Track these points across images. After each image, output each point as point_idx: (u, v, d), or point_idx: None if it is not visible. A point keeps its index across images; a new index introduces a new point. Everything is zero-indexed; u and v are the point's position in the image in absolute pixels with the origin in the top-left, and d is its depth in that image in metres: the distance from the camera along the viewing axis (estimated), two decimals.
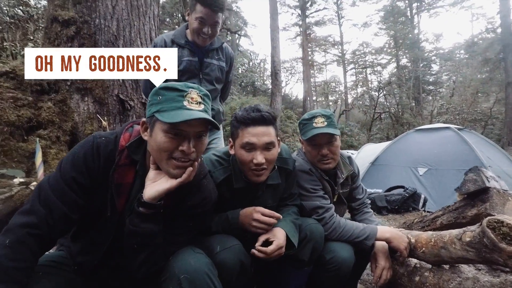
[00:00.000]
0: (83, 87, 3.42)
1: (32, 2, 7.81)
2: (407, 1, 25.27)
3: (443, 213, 1.95)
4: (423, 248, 1.50)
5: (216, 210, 1.40)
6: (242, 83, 20.23)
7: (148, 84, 2.13)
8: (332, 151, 1.65)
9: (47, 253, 1.09)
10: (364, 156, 6.07)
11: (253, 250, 1.31)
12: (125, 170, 1.07)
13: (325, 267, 1.52)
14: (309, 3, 25.10)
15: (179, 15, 14.53)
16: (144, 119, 1.07)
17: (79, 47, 3.41)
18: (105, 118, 3.42)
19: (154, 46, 2.17)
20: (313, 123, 1.63)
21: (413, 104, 20.14)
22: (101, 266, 1.12)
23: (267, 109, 1.38)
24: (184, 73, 2.12)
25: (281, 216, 1.40)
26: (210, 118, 1.02)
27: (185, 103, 0.99)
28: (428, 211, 4.22)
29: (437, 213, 2.01)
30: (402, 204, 4.46)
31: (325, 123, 1.62)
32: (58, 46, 3.41)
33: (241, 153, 1.35)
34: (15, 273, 0.86)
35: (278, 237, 1.33)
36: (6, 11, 7.28)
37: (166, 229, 1.10)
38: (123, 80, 3.63)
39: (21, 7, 7.35)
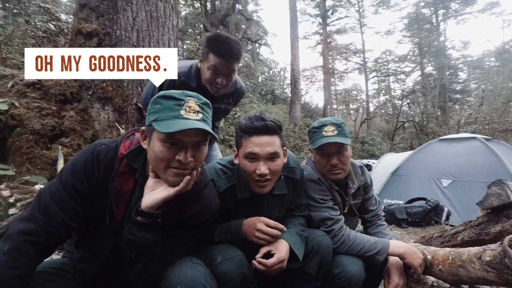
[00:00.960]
0: (104, 96, 3.54)
1: (63, 17, 8.28)
2: (432, 8, 24.66)
3: (464, 228, 1.83)
4: (440, 266, 1.41)
5: (220, 220, 1.38)
6: (262, 92, 20.35)
7: (150, 92, 2.06)
8: (342, 161, 1.58)
9: (51, 259, 1.11)
10: (384, 166, 5.88)
11: (254, 262, 1.27)
12: (124, 178, 1.07)
13: (333, 282, 1.45)
14: (330, 11, 25.08)
15: (201, 26, 14.92)
16: (143, 128, 1.07)
17: None
18: (123, 126, 3.51)
19: (162, 86, 1.89)
20: (322, 131, 1.57)
21: (439, 113, 19.42)
22: (101, 274, 1.12)
23: (272, 118, 1.34)
24: None
25: (285, 228, 1.35)
26: (207, 128, 0.98)
27: (182, 112, 0.97)
28: (451, 225, 3.98)
29: (458, 228, 1.90)
30: (424, 217, 4.26)
31: (335, 131, 1.55)
32: None
33: (244, 163, 1.33)
34: (12, 280, 0.86)
35: (280, 249, 1.29)
36: (39, 26, 7.75)
37: (166, 238, 1.08)
38: (141, 88, 3.73)
39: (53, 22, 7.80)
